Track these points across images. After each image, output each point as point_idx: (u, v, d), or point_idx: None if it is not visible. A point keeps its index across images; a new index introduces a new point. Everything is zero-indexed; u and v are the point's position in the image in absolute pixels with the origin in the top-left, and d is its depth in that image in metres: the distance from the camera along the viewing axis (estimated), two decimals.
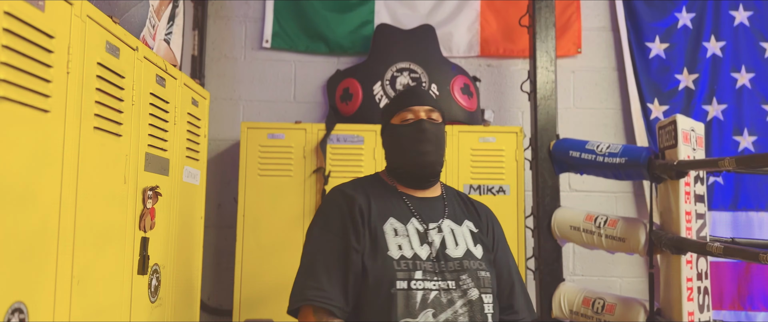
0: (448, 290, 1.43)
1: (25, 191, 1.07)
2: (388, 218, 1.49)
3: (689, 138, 2.29)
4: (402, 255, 1.43)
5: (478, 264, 1.49)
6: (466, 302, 1.43)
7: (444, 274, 1.44)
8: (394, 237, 1.46)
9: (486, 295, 1.46)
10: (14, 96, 1.03)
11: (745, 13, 3.25)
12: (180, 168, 1.85)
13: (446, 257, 1.47)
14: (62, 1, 1.17)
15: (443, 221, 1.54)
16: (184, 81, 1.87)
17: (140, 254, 1.55)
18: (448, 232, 1.52)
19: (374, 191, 1.55)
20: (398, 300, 1.38)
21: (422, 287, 1.40)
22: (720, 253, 1.93)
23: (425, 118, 1.55)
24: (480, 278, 1.47)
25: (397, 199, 1.55)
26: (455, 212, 1.58)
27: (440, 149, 1.56)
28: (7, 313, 1.02)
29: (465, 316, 1.41)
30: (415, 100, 1.58)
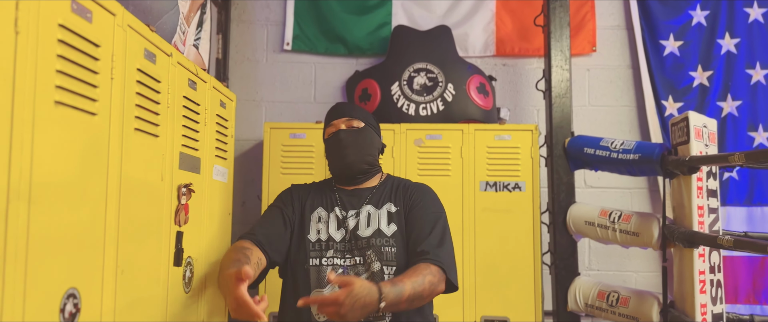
0: (354, 266, 1.75)
1: (77, 187, 1.17)
2: (316, 208, 1.85)
3: (701, 134, 2.34)
4: (318, 238, 1.79)
5: (384, 241, 1.76)
6: (369, 274, 1.72)
7: (353, 251, 1.76)
8: (317, 223, 1.82)
9: (388, 267, 1.73)
10: (68, 101, 1.13)
11: (760, 10, 3.28)
12: (210, 166, 1.95)
13: (357, 237, 1.78)
14: (107, 12, 1.27)
15: (363, 207, 1.84)
16: (213, 84, 1.97)
17: (175, 247, 1.65)
18: (364, 216, 1.82)
19: (316, 189, 1.93)
20: (311, 274, 1.75)
21: (332, 263, 1.75)
22: (730, 245, 1.99)
23: (344, 128, 1.87)
24: (384, 252, 1.74)
25: (330, 193, 1.89)
26: (380, 198, 1.86)
27: (361, 150, 1.86)
28: (64, 298, 1.12)
29: None
30: (334, 115, 1.91)
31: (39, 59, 1.04)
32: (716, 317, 2.31)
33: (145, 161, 1.47)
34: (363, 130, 1.88)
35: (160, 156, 1.55)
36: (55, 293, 1.10)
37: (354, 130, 1.87)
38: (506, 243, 2.70)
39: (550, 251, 2.79)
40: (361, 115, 1.92)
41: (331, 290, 1.67)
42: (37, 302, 1.04)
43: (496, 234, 2.71)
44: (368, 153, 1.88)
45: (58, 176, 1.10)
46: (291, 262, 1.79)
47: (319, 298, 1.44)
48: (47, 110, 1.07)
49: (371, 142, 1.89)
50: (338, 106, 1.96)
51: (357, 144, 1.85)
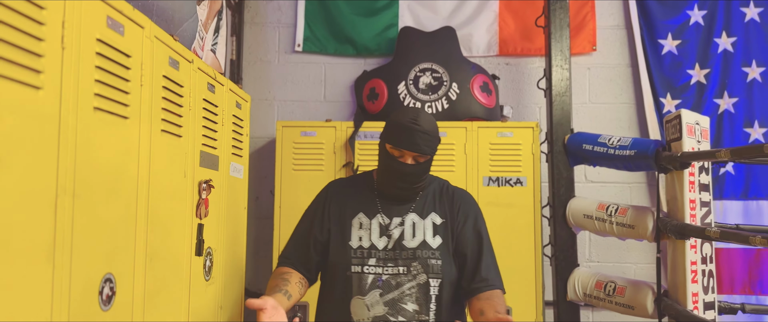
0: (398, 275, 1.72)
1: (112, 184, 1.31)
2: (358, 213, 1.80)
3: (694, 131, 2.44)
4: (360, 245, 1.75)
5: (430, 253, 1.75)
6: (414, 284, 1.71)
7: (397, 261, 1.73)
8: (358, 229, 1.77)
9: (433, 280, 1.72)
10: (104, 106, 1.27)
11: (756, 9, 3.37)
12: (227, 164, 2.09)
13: (402, 247, 1.74)
14: (136, 25, 1.40)
15: (407, 216, 1.79)
16: (229, 87, 2.10)
17: (197, 238, 1.79)
18: (409, 225, 1.78)
19: (357, 189, 1.87)
20: (353, 281, 1.71)
21: (374, 271, 1.72)
22: (717, 237, 2.10)
23: (411, 162, 1.73)
24: (430, 265, 1.73)
25: (372, 198, 1.83)
26: (424, 206, 1.81)
27: (418, 181, 1.78)
28: (102, 281, 1.26)
29: (412, 297, 1.71)
30: (407, 143, 1.71)
31: (80, 70, 1.18)
32: (708, 305, 2.41)
33: (169, 159, 1.61)
34: (427, 162, 1.78)
35: (182, 155, 1.69)
36: (94, 277, 1.24)
37: (420, 163, 1.75)
38: (508, 236, 2.82)
39: (551, 244, 2.91)
40: (432, 146, 1.75)
41: (372, 299, 1.70)
42: (80, 284, 1.18)
43: (499, 227, 2.82)
44: (421, 180, 1.80)
45: (96, 174, 1.24)
46: (330, 266, 1.76)
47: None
48: (87, 116, 1.21)
49: (428, 169, 1.80)
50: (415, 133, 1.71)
51: (416, 179, 1.77)
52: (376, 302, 1.70)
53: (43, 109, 1.07)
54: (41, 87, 1.05)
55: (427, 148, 1.73)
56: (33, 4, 1.03)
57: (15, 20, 0.99)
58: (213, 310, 1.95)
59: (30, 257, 1.03)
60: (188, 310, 1.74)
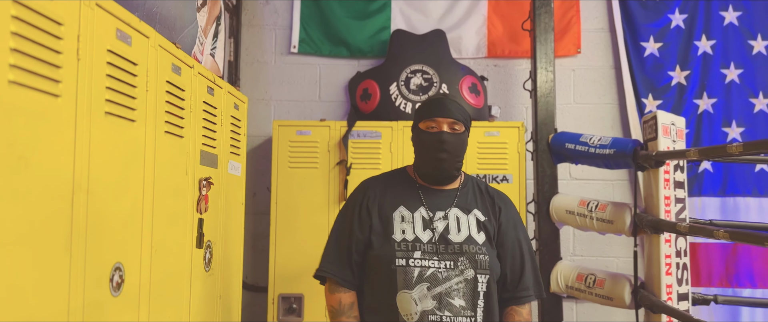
0: (445, 269, 1.68)
1: (121, 181, 1.44)
2: (399, 206, 1.76)
3: (669, 131, 2.58)
4: (403, 238, 1.71)
5: (477, 248, 1.71)
6: (461, 280, 1.67)
7: (443, 255, 1.69)
8: (401, 223, 1.73)
9: (481, 275, 1.69)
10: (114, 111, 1.39)
11: (735, 13, 3.50)
12: (226, 162, 2.22)
13: (447, 241, 1.71)
14: (142, 36, 1.53)
15: (450, 210, 1.76)
16: (228, 90, 2.23)
17: (197, 231, 1.92)
18: (453, 219, 1.75)
19: (395, 184, 1.83)
20: (398, 275, 1.67)
21: (420, 264, 1.68)
22: (686, 231, 2.24)
23: (448, 130, 1.73)
24: (477, 260, 1.69)
25: (412, 191, 1.80)
26: (466, 202, 1.79)
27: (457, 157, 1.76)
28: (112, 270, 1.39)
29: (459, 292, 1.67)
30: (441, 112, 1.74)
31: (93, 79, 1.30)
32: (681, 296, 2.55)
33: (172, 158, 1.74)
34: (463, 135, 1.78)
35: (184, 154, 1.82)
36: (106, 266, 1.37)
37: (456, 134, 1.75)
38: None
39: (536, 238, 3.04)
40: (464, 117, 1.78)
41: (419, 293, 1.66)
42: (94, 272, 1.31)
43: None
44: (461, 159, 1.79)
45: (107, 172, 1.37)
46: (373, 260, 1.73)
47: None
48: (99, 120, 1.33)
49: (465, 147, 1.80)
50: (445, 102, 1.78)
51: (457, 150, 1.75)
52: (423, 296, 1.66)
53: (61, 114, 1.19)
54: (60, 95, 1.18)
55: (459, 115, 1.75)
56: (52, 21, 1.15)
57: (37, 36, 1.11)
58: (212, 299, 2.08)
59: (50, 246, 1.16)
60: (189, 298, 1.87)
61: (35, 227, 1.11)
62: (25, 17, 1.07)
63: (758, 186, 3.40)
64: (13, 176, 1.04)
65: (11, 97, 1.04)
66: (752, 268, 3.38)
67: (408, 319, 1.66)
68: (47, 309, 1.15)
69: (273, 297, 3.00)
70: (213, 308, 2.09)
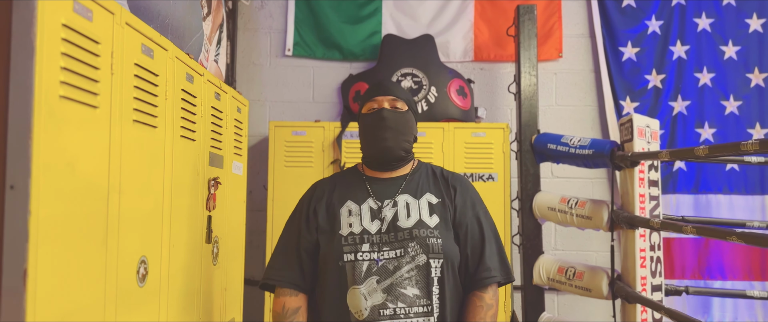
0: (395, 258, 1.61)
1: (146, 182, 1.58)
2: (346, 201, 1.71)
3: (644, 133, 2.75)
4: (350, 232, 1.64)
5: (429, 232, 1.64)
6: (412, 267, 1.60)
7: (393, 244, 1.62)
8: (348, 217, 1.68)
9: (434, 260, 1.62)
10: (141, 119, 1.53)
11: (708, 20, 3.70)
12: (230, 162, 2.36)
13: (397, 229, 1.64)
14: (161, 49, 1.67)
15: (399, 196, 1.71)
16: (232, 94, 2.37)
17: (207, 228, 2.06)
18: (402, 206, 1.69)
19: (344, 181, 1.79)
20: (346, 271, 1.61)
21: (368, 257, 1.61)
22: (658, 226, 2.42)
23: (388, 107, 1.71)
24: (429, 244, 1.62)
25: (360, 183, 1.75)
26: (417, 186, 1.74)
27: (400, 135, 1.71)
28: (139, 263, 1.54)
29: (411, 280, 1.60)
30: (380, 91, 1.75)
31: (123, 90, 1.44)
32: (655, 287, 2.73)
33: (186, 160, 1.88)
34: (406, 113, 1.74)
35: (196, 156, 1.96)
36: (134, 258, 1.51)
37: (398, 111, 1.72)
38: None
39: (519, 233, 3.22)
40: (406, 96, 1.77)
41: (368, 287, 1.59)
42: (125, 264, 1.45)
43: None
44: (406, 139, 1.74)
45: (134, 174, 1.51)
46: (322, 259, 1.67)
47: None
48: (129, 127, 1.47)
49: (411, 128, 1.76)
50: (384, 82, 1.79)
51: (398, 127, 1.71)
52: (373, 290, 1.59)
53: (98, 123, 1.33)
54: (98, 106, 1.32)
55: (399, 93, 1.74)
56: (92, 40, 1.29)
57: (80, 54, 1.25)
58: (219, 291, 2.22)
59: (91, 241, 1.30)
60: (200, 290, 2.01)
61: (79, 225, 1.25)
62: (72, 39, 1.21)
63: (728, 184, 3.60)
64: (62, 180, 1.19)
65: (62, 110, 1.18)
66: (723, 261, 3.58)
67: (359, 316, 1.58)
68: (88, 298, 1.29)
69: None
70: (220, 299, 2.23)
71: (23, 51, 1.08)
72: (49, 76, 1.13)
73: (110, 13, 1.37)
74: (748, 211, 3.58)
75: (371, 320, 1.58)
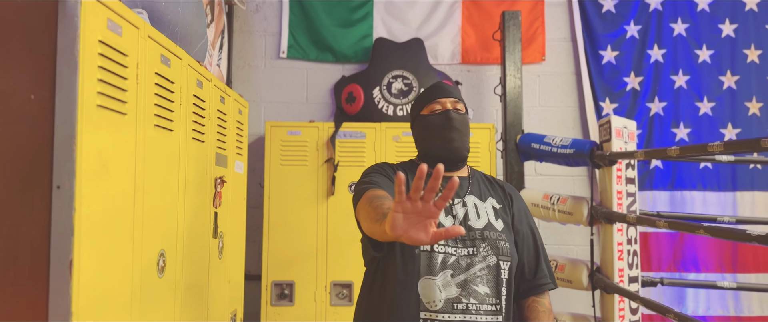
0: (467, 256, 1.61)
1: (164, 181, 1.71)
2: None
3: (622, 133, 2.92)
4: None
5: (498, 235, 1.66)
6: (484, 266, 1.61)
7: (465, 241, 1.63)
8: None
9: (503, 262, 1.64)
10: (160, 123, 1.67)
11: (683, 25, 3.89)
12: (233, 162, 2.49)
13: (469, 228, 1.65)
14: (176, 58, 1.80)
15: (467, 197, 1.72)
16: (235, 98, 2.51)
17: (213, 224, 2.20)
18: (471, 206, 1.70)
19: (409, 170, 1.77)
20: (421, 260, 1.59)
21: (443, 251, 1.60)
22: (634, 221, 2.60)
23: (451, 108, 1.72)
24: (499, 247, 1.63)
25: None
26: (480, 190, 1.76)
27: (465, 136, 1.74)
28: (158, 255, 1.67)
29: (482, 278, 1.61)
30: (443, 93, 1.75)
31: (146, 98, 1.58)
32: (632, 279, 2.91)
33: (197, 160, 2.01)
34: (466, 115, 1.78)
35: (204, 156, 2.10)
36: (155, 251, 1.65)
37: (461, 113, 1.75)
38: None
39: None
40: (462, 99, 1.79)
41: (443, 279, 1.60)
42: (147, 256, 1.59)
43: None
44: (468, 139, 1.77)
45: (155, 174, 1.65)
46: (395, 244, 1.62)
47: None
48: (150, 131, 1.61)
49: (467, 126, 1.77)
50: (443, 85, 1.79)
51: (462, 129, 1.73)
52: (447, 283, 1.59)
53: (126, 128, 1.47)
54: (126, 113, 1.46)
55: (459, 95, 1.77)
56: (121, 53, 1.43)
57: (112, 67, 1.38)
58: (224, 283, 2.36)
59: (121, 236, 1.44)
60: (207, 282, 2.15)
61: (112, 221, 1.39)
62: (106, 53, 1.35)
63: (702, 181, 3.80)
64: (99, 181, 1.32)
65: (98, 118, 1.31)
66: (696, 254, 3.78)
67: (430, 306, 1.58)
68: (119, 287, 1.43)
69: (266, 284, 3.27)
70: (224, 290, 2.37)
71: (68, 66, 1.22)
72: (89, 87, 1.27)
73: (135, 27, 1.50)
74: (720, 206, 3.78)
75: (444, 311, 1.59)
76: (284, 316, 3.22)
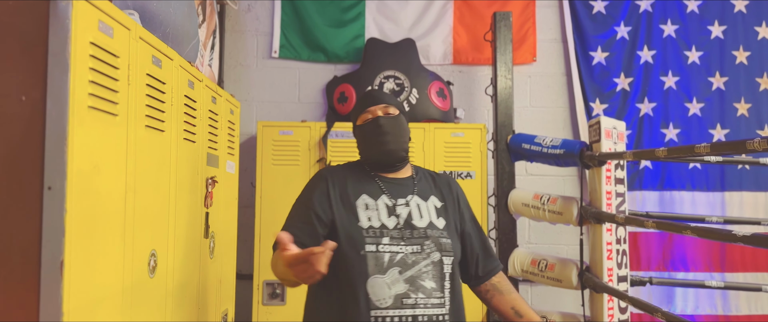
0: (413, 253, 1.73)
1: (155, 181, 1.72)
2: (361, 194, 1.81)
3: (611, 134, 2.94)
4: (370, 225, 1.75)
5: (440, 233, 1.79)
6: (429, 262, 1.73)
7: (409, 240, 1.74)
8: (365, 210, 1.77)
9: (446, 258, 1.77)
10: (151, 124, 1.68)
11: (673, 26, 3.92)
12: (224, 162, 2.50)
13: (412, 227, 1.77)
14: (168, 59, 1.81)
15: (411, 198, 1.84)
16: (226, 98, 2.51)
17: (205, 223, 2.21)
18: (414, 206, 1.82)
19: (354, 174, 1.88)
20: (369, 260, 1.70)
21: (389, 250, 1.72)
22: (622, 222, 2.62)
23: (382, 114, 1.85)
24: (442, 244, 1.77)
25: (370, 180, 1.85)
26: (423, 189, 1.88)
27: (399, 137, 1.85)
28: (149, 255, 1.68)
29: (428, 274, 1.72)
30: (372, 102, 1.88)
31: (137, 99, 1.58)
32: (621, 278, 2.93)
33: (188, 161, 2.02)
34: (399, 117, 1.88)
35: (196, 157, 2.11)
36: (146, 251, 1.66)
37: (391, 116, 1.86)
38: None
39: (495, 228, 3.40)
40: (395, 102, 1.92)
41: (392, 277, 1.69)
42: (138, 256, 1.60)
43: None
44: (405, 140, 1.88)
45: (147, 174, 1.66)
46: (341, 248, 1.71)
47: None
48: (142, 132, 1.62)
49: (406, 129, 1.89)
50: (374, 93, 1.93)
51: (395, 131, 1.84)
52: (395, 281, 1.69)
53: (118, 130, 1.47)
54: (117, 114, 1.46)
55: (389, 99, 1.90)
56: (112, 55, 1.43)
57: (104, 68, 1.39)
58: (215, 283, 2.37)
59: (112, 236, 1.45)
60: (198, 282, 2.16)
61: (103, 221, 1.40)
62: (98, 55, 1.35)
63: (691, 181, 3.83)
64: (90, 182, 1.33)
65: (90, 119, 1.32)
66: (685, 254, 3.81)
67: (380, 304, 1.67)
68: (111, 287, 1.44)
69: (258, 283, 3.28)
70: (216, 291, 2.38)
71: (59, 68, 1.22)
72: (80, 88, 1.28)
73: (127, 28, 1.51)
74: (708, 206, 3.81)
75: (394, 307, 1.68)
76: (276, 315, 3.22)
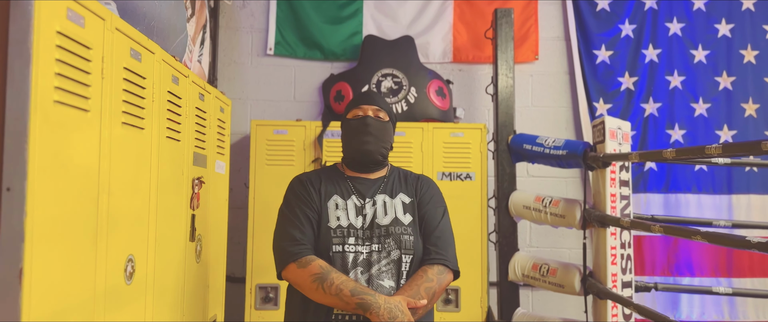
0: (375, 252, 1.79)
1: (133, 182, 1.62)
2: (332, 195, 1.88)
3: (615, 135, 2.85)
4: (338, 225, 1.82)
5: (403, 229, 1.84)
6: (388, 261, 1.79)
7: (372, 239, 1.81)
8: (335, 210, 1.84)
9: (406, 255, 1.81)
10: (129, 121, 1.58)
11: (679, 24, 3.82)
12: (213, 162, 2.40)
13: (376, 225, 1.83)
14: (149, 52, 1.71)
15: (378, 196, 1.90)
16: (216, 95, 2.42)
17: (191, 226, 2.11)
18: (380, 204, 1.88)
19: (326, 177, 1.94)
20: (336, 261, 1.77)
21: (354, 250, 1.79)
22: (628, 226, 2.52)
23: (372, 115, 1.91)
24: (402, 241, 1.81)
25: (343, 181, 1.92)
26: (392, 188, 1.94)
27: (381, 142, 1.91)
28: (126, 261, 1.58)
29: (387, 273, 1.78)
30: (367, 100, 1.95)
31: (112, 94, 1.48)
32: (625, 284, 2.83)
33: (171, 160, 1.92)
34: (387, 123, 1.94)
35: (180, 156, 2.01)
36: (122, 256, 1.56)
37: (380, 120, 1.92)
38: (458, 224, 3.13)
39: (495, 231, 3.30)
40: (388, 109, 1.97)
41: (354, 277, 1.75)
42: (114, 262, 1.50)
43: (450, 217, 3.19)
44: (384, 146, 1.93)
45: (123, 175, 1.56)
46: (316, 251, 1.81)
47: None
48: (117, 129, 1.52)
49: (390, 137, 1.96)
50: (371, 94, 2.00)
51: (379, 135, 1.90)
52: (357, 280, 1.75)
53: (89, 126, 1.37)
54: (89, 110, 1.36)
55: (383, 105, 1.95)
56: (84, 46, 1.33)
57: (73, 60, 1.29)
58: (202, 288, 2.27)
59: (82, 241, 1.35)
60: (184, 287, 2.06)
61: (71, 225, 1.30)
62: (66, 45, 1.26)
63: (697, 184, 3.73)
64: (57, 181, 1.23)
65: (56, 114, 1.22)
66: (691, 258, 3.71)
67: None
68: (79, 296, 1.34)
69: (251, 287, 3.18)
70: (202, 295, 2.28)
71: (20, 58, 1.12)
72: (45, 82, 1.18)
73: (101, 19, 1.41)
74: (715, 210, 3.71)
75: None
76: (269, 320, 3.13)
